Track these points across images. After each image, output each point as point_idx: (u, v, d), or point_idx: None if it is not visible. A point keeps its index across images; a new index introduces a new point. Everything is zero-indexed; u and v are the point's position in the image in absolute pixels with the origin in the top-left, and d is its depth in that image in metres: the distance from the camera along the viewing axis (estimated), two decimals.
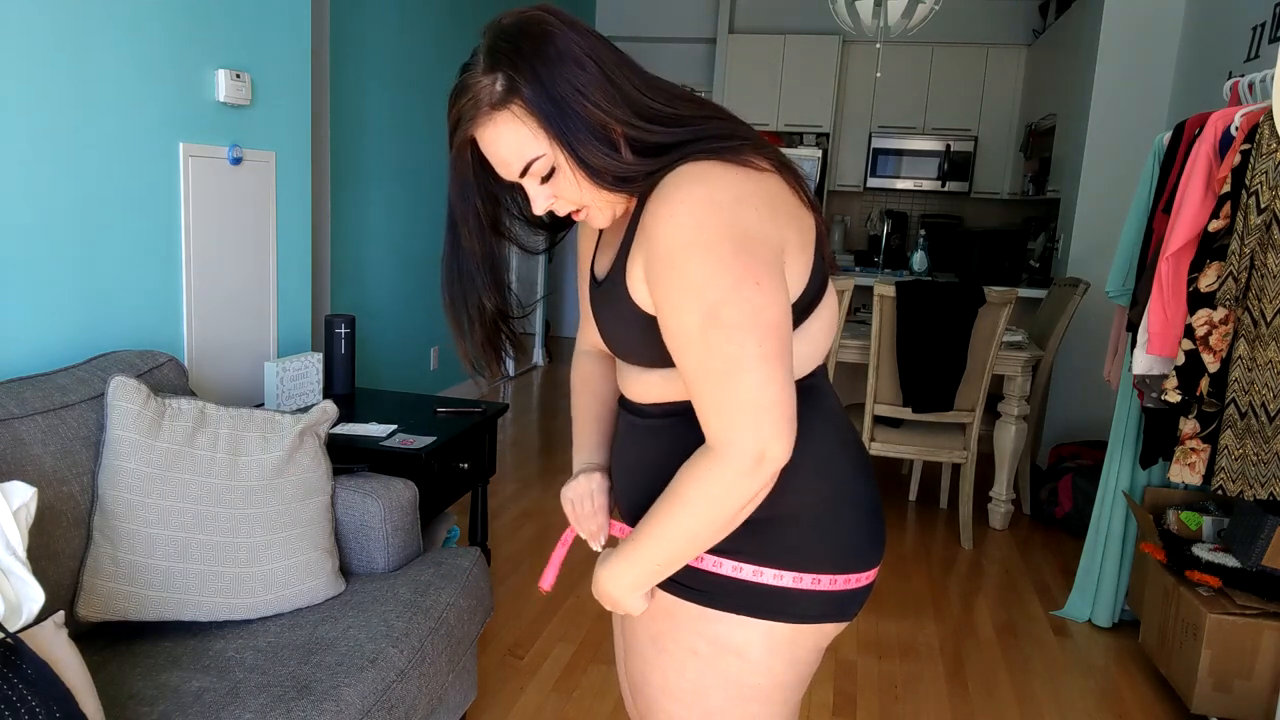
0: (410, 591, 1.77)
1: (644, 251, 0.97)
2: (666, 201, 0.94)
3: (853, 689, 2.45)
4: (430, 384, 4.77)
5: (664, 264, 0.94)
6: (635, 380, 1.12)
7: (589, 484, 1.23)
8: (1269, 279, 2.12)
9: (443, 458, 2.27)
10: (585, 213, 1.05)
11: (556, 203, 1.04)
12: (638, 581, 1.07)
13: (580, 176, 0.99)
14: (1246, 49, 3.30)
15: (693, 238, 0.92)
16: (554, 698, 2.32)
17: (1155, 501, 2.71)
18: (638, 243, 0.99)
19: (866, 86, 6.63)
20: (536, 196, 1.03)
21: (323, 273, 3.70)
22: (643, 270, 0.98)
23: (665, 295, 0.95)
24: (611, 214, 1.06)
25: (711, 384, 0.94)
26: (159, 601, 1.62)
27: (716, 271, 0.92)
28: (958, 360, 3.30)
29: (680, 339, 0.95)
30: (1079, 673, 2.61)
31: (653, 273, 0.96)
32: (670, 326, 0.96)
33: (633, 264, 1.00)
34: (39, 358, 1.86)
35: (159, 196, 2.12)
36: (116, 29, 1.95)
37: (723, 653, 1.08)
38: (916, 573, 3.26)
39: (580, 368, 1.32)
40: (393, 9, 4.05)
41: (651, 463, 1.10)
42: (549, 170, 1.00)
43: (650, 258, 0.96)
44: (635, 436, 1.14)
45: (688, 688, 1.11)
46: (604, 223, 1.07)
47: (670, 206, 0.94)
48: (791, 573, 1.05)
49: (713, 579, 1.06)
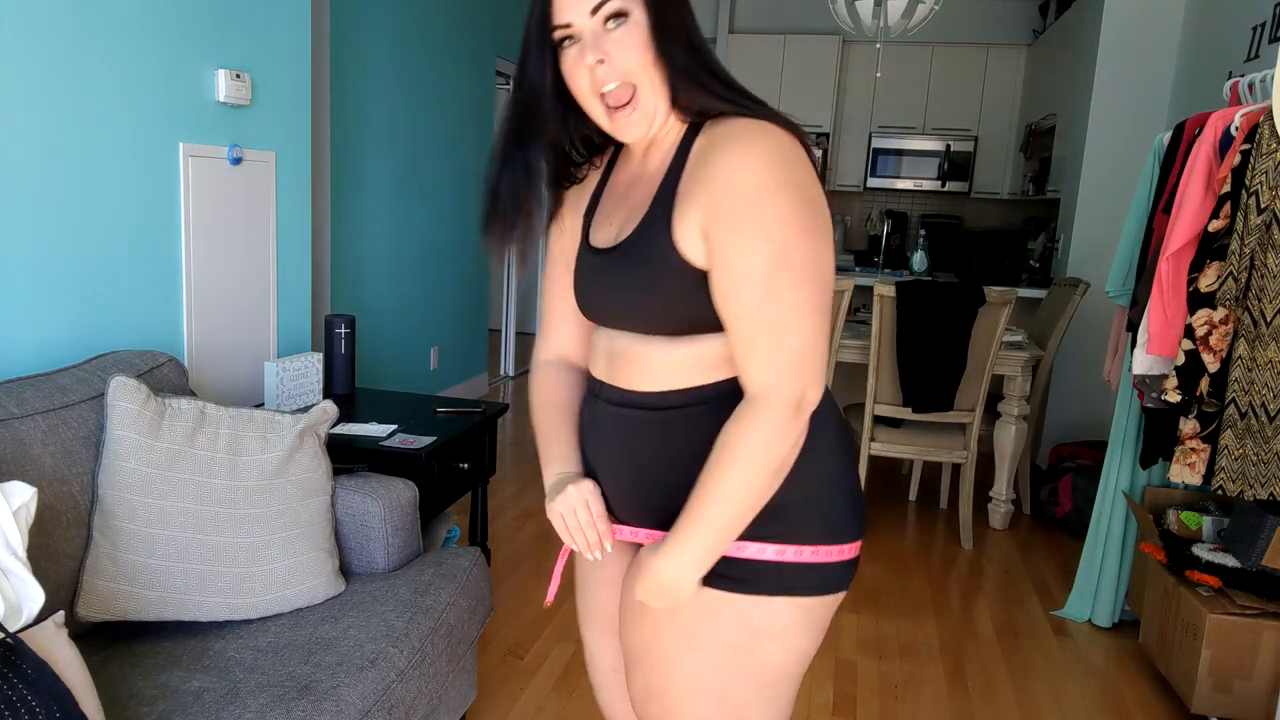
0: (410, 591, 1.77)
1: (705, 197, 0.99)
2: (739, 146, 0.98)
3: (853, 689, 2.45)
4: (430, 384, 4.77)
5: (737, 204, 0.97)
6: (654, 365, 1.09)
7: (580, 494, 1.17)
8: (1269, 279, 2.12)
9: (443, 458, 2.27)
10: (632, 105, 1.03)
11: (605, 68, 1.02)
12: (702, 557, 1.04)
13: (651, 41, 1.01)
14: (1246, 49, 3.30)
15: (768, 180, 0.97)
16: (554, 698, 2.32)
17: (1155, 501, 2.71)
18: (692, 192, 1.01)
19: (866, 86, 6.63)
20: (590, 48, 1.02)
21: (323, 273, 3.70)
22: (700, 217, 1.00)
23: (734, 235, 0.97)
24: (646, 122, 1.05)
25: (765, 328, 0.98)
26: (159, 601, 1.62)
27: (790, 216, 0.97)
28: (958, 360, 3.30)
29: (743, 280, 0.97)
30: (1079, 673, 2.61)
31: (719, 214, 0.98)
32: (733, 268, 0.98)
33: (683, 215, 1.02)
34: (39, 358, 1.86)
35: (159, 196, 2.12)
36: (116, 29, 1.95)
37: (762, 640, 1.11)
38: (916, 573, 3.26)
39: (545, 378, 1.27)
40: (393, 9, 4.05)
41: (680, 454, 1.08)
42: (621, 11, 1.01)
43: (719, 199, 0.98)
44: (648, 431, 1.11)
45: (720, 682, 1.12)
46: (635, 129, 1.05)
47: (744, 151, 0.98)
48: (823, 546, 1.10)
49: (754, 566, 1.09)
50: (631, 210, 1.10)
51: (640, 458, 1.13)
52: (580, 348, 1.29)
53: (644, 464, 1.13)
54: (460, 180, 4.92)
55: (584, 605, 1.35)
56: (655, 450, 1.11)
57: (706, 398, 1.07)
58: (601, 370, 1.17)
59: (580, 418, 1.24)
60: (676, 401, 1.08)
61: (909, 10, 4.40)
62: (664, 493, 1.10)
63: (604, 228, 1.14)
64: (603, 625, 1.32)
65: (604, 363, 1.17)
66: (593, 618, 1.33)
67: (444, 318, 4.88)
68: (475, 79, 4.98)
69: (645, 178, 1.11)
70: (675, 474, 1.09)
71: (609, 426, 1.15)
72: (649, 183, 1.09)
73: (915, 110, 6.64)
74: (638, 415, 1.11)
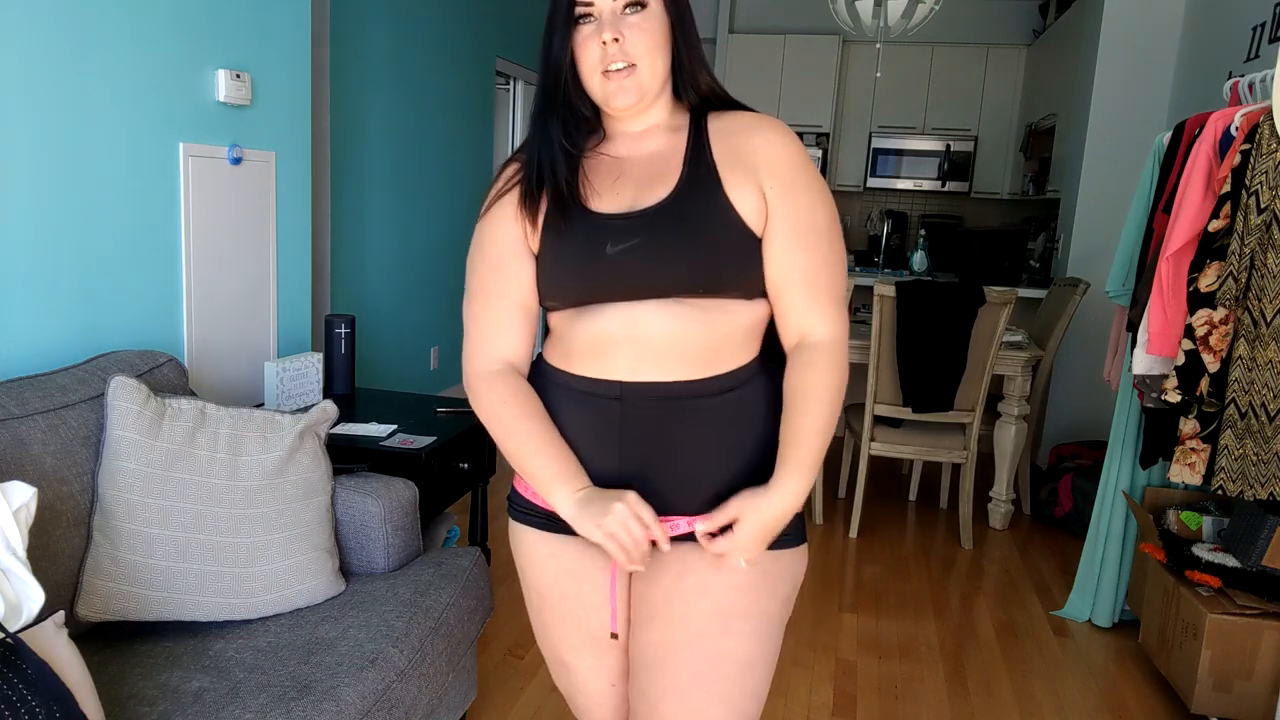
0: (410, 591, 1.77)
1: (765, 163, 1.14)
2: (775, 127, 1.17)
3: (853, 689, 2.45)
4: (430, 384, 4.77)
5: (799, 170, 1.15)
6: (700, 349, 1.13)
7: (629, 508, 1.10)
8: (1269, 279, 2.12)
9: (443, 458, 2.27)
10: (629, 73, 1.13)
11: (616, 48, 1.11)
12: (807, 488, 1.12)
13: (663, 32, 1.14)
14: (1246, 49, 3.30)
15: (807, 157, 1.17)
16: (554, 698, 2.31)
17: (1155, 501, 2.71)
18: (740, 160, 1.14)
19: (866, 86, 6.63)
20: (607, 26, 1.11)
21: (323, 273, 3.70)
22: (760, 179, 1.13)
23: (803, 195, 1.14)
24: (638, 94, 1.14)
25: (830, 275, 1.15)
26: (159, 601, 1.62)
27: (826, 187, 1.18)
28: (958, 360, 3.30)
29: (814, 233, 1.14)
30: (1079, 673, 2.61)
31: (784, 177, 1.14)
32: (804, 223, 1.14)
33: (736, 179, 1.14)
34: (39, 358, 1.86)
35: (159, 196, 2.12)
36: (116, 29, 1.95)
37: (796, 586, 1.22)
38: (916, 573, 3.26)
39: (506, 387, 1.18)
40: (393, 9, 4.05)
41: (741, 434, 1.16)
42: (641, 1, 1.12)
43: (781, 165, 1.14)
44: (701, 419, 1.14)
45: (771, 636, 1.19)
46: (626, 96, 1.14)
47: (783, 132, 1.17)
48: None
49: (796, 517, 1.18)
50: (644, 182, 1.16)
51: (704, 444, 1.15)
52: (527, 353, 1.23)
53: (704, 452, 1.15)
54: (460, 180, 4.92)
55: (569, 630, 1.27)
56: (716, 439, 1.15)
57: (753, 374, 1.17)
58: (622, 367, 1.13)
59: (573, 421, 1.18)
60: (730, 383, 1.15)
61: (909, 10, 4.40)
62: (745, 471, 1.16)
63: (604, 199, 1.16)
64: (595, 645, 1.27)
65: (625, 357, 1.12)
66: (583, 642, 1.27)
67: (444, 318, 4.88)
68: (475, 79, 4.98)
69: (649, 156, 1.19)
70: (738, 457, 1.16)
71: (652, 425, 1.13)
72: (662, 158, 1.18)
73: (915, 110, 6.64)
74: (683, 405, 1.13)
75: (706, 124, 1.19)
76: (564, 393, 1.18)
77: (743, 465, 1.16)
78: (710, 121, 1.19)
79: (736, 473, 1.16)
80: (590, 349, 1.15)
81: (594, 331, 1.14)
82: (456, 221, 4.92)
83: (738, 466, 1.16)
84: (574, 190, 1.16)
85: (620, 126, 1.21)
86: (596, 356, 1.15)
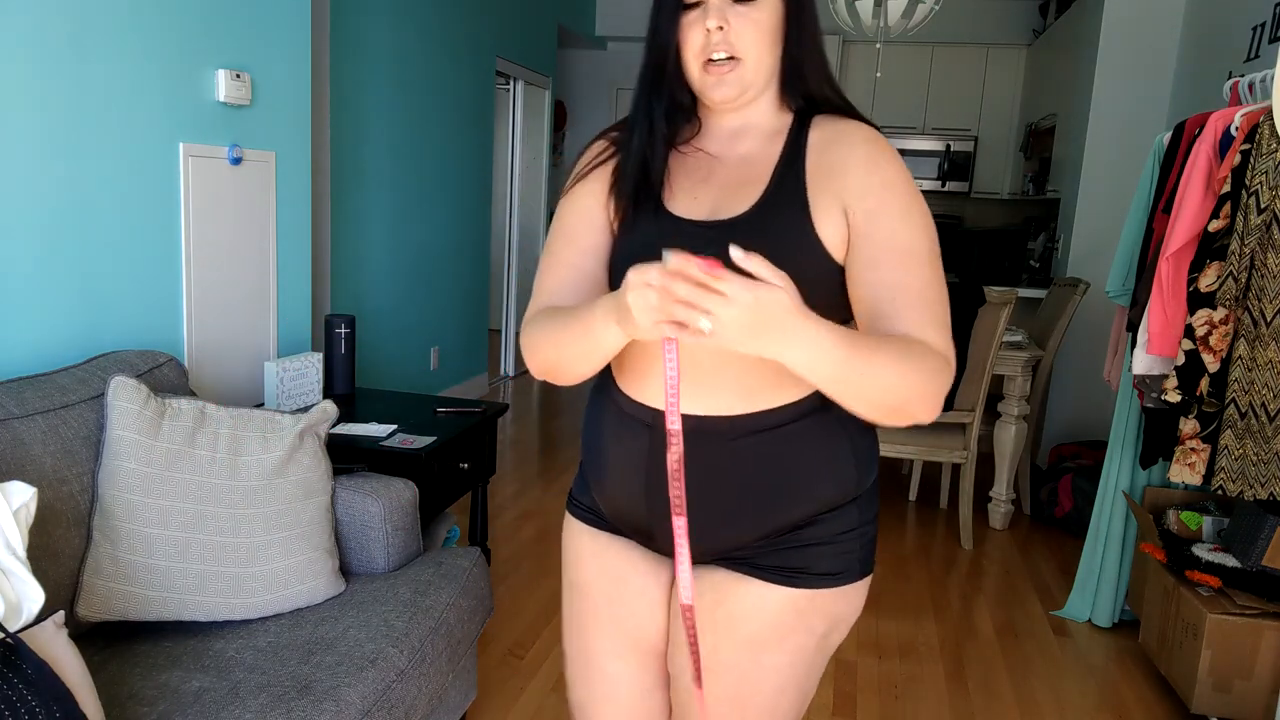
0: (410, 591, 1.77)
1: (858, 185, 1.03)
2: (878, 146, 1.06)
3: (853, 689, 2.45)
4: (430, 384, 4.77)
5: (900, 192, 1.03)
6: (775, 375, 1.01)
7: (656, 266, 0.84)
8: (1269, 279, 2.12)
9: (443, 458, 2.27)
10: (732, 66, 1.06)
11: (720, 36, 1.05)
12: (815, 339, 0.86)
13: (774, 24, 1.06)
14: (1246, 49, 3.30)
15: (907, 177, 1.06)
16: (554, 698, 2.31)
17: (1155, 501, 2.71)
18: (832, 182, 1.04)
19: (866, 86, 6.63)
20: (714, 13, 1.04)
21: (323, 273, 3.70)
22: (849, 202, 1.03)
23: (904, 218, 1.02)
24: (739, 88, 1.07)
25: (935, 296, 1.01)
26: (159, 601, 1.62)
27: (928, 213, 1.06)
28: (958, 360, 3.29)
29: (915, 258, 1.01)
30: (1079, 673, 2.61)
31: (881, 199, 1.02)
32: (904, 247, 1.01)
33: (824, 203, 1.04)
34: (39, 358, 1.86)
35: (159, 196, 2.12)
36: (116, 29, 1.95)
37: (839, 625, 1.15)
38: (916, 573, 3.26)
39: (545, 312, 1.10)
40: (393, 9, 4.05)
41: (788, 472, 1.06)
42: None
43: (878, 186, 1.03)
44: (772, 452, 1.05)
45: (805, 673, 1.14)
46: (726, 89, 1.07)
47: (886, 151, 1.06)
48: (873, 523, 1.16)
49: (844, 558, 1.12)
50: (727, 189, 1.08)
51: (756, 482, 1.06)
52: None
53: (755, 492, 1.07)
54: (461, 180, 4.92)
55: (608, 633, 1.22)
56: (770, 476, 1.06)
57: (817, 405, 1.06)
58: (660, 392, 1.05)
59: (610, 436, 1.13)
60: (791, 415, 1.05)
61: (909, 10, 4.40)
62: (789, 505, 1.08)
63: (684, 200, 1.10)
64: (636, 651, 1.21)
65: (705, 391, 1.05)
66: (624, 647, 1.21)
67: (444, 318, 4.88)
68: (475, 79, 4.98)
69: (740, 159, 1.11)
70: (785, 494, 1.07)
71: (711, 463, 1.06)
72: (752, 164, 1.10)
73: (915, 110, 6.64)
74: (740, 445, 1.05)
75: (809, 131, 1.09)
76: (610, 405, 1.14)
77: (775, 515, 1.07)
78: (813, 129, 1.09)
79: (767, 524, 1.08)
80: (636, 364, 1.10)
81: (644, 345, 1.05)
82: (457, 221, 4.92)
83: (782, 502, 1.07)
84: (658, 188, 1.11)
85: (716, 121, 1.14)
86: (640, 375, 1.09)
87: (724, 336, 0.82)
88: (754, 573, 1.10)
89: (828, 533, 1.10)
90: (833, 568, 1.10)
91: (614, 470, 1.13)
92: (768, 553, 1.10)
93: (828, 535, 1.09)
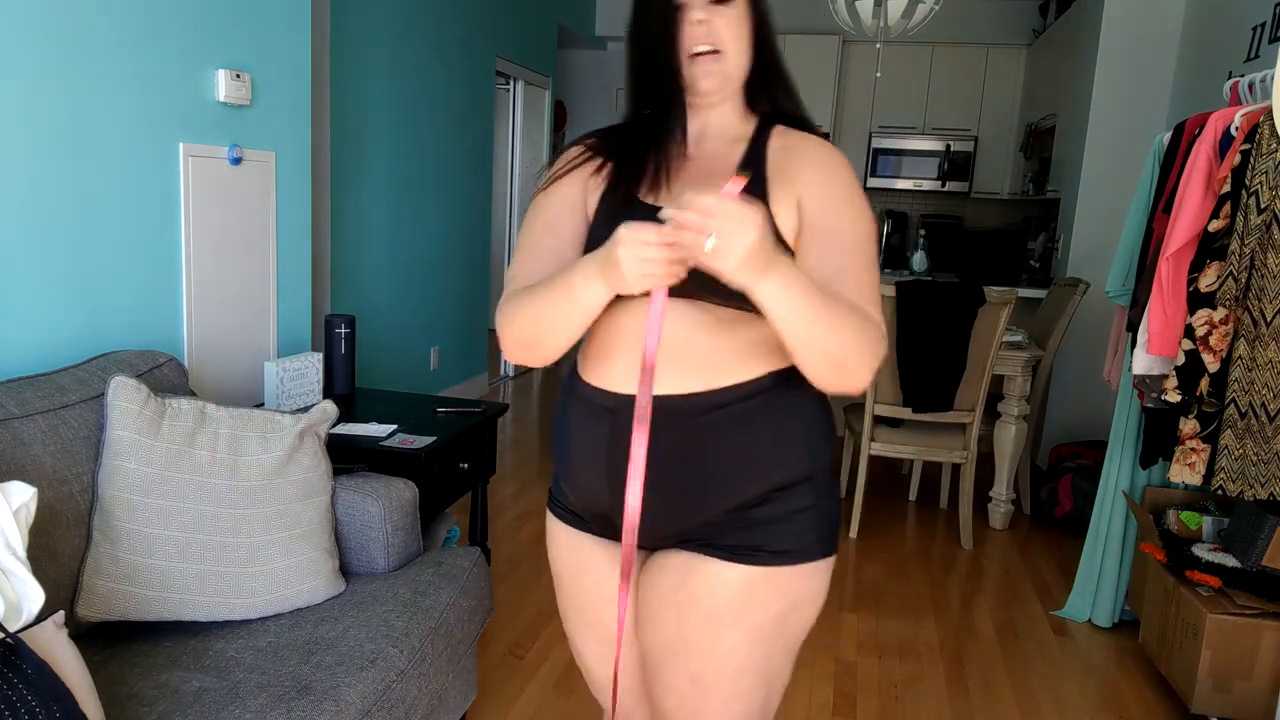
0: (410, 591, 1.77)
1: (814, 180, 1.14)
2: (832, 152, 1.19)
3: (853, 689, 2.45)
4: (430, 384, 4.77)
5: (846, 190, 1.15)
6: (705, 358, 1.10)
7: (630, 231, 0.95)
8: (1269, 279, 2.12)
9: (443, 458, 2.27)
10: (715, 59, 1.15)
11: (704, 30, 1.15)
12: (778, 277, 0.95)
13: (747, 28, 1.17)
14: (1246, 49, 3.30)
15: (855, 181, 1.18)
16: (554, 698, 2.32)
17: (1155, 501, 2.71)
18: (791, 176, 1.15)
19: (866, 86, 6.63)
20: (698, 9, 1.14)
21: (323, 273, 3.70)
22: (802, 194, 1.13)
23: (848, 206, 1.14)
24: (722, 78, 1.17)
25: (870, 278, 1.12)
26: (159, 601, 1.62)
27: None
28: (958, 360, 3.30)
29: (856, 242, 1.12)
30: (1079, 673, 2.61)
31: (831, 192, 1.14)
32: (847, 233, 1.12)
33: (781, 194, 1.14)
34: (39, 358, 1.86)
35: (159, 196, 2.12)
36: (116, 29, 1.95)
37: (801, 605, 1.18)
38: (916, 573, 3.26)
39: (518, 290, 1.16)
40: (393, 9, 4.05)
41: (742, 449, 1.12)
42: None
43: (831, 183, 1.14)
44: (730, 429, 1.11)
45: (764, 654, 1.17)
46: (711, 79, 1.16)
47: (838, 157, 1.18)
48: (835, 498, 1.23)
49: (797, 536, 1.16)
50: (695, 182, 1.16)
51: (725, 460, 1.12)
52: None
53: (727, 466, 1.12)
54: (460, 180, 4.92)
55: (578, 621, 1.31)
56: (743, 449, 1.13)
57: (784, 377, 1.13)
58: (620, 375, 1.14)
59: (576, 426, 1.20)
60: (766, 384, 1.12)
61: (909, 10, 4.39)
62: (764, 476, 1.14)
63: (652, 193, 1.17)
64: (600, 641, 1.30)
65: (626, 363, 1.12)
66: (590, 634, 1.31)
67: (444, 318, 4.88)
68: (475, 79, 4.98)
69: (706, 156, 1.20)
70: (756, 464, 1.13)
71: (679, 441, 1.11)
72: (717, 160, 1.19)
73: (915, 110, 6.64)
74: (706, 421, 1.11)
75: (770, 137, 1.20)
76: (575, 400, 1.22)
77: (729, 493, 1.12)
78: (773, 136, 1.20)
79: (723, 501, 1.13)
80: (598, 354, 1.18)
81: (609, 329, 1.15)
82: (457, 221, 4.92)
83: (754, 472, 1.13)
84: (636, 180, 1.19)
85: (689, 118, 1.22)
86: (601, 362, 1.17)
87: (724, 252, 0.91)
88: (713, 552, 1.15)
89: (782, 511, 1.15)
90: (788, 545, 1.15)
91: (579, 457, 1.20)
92: (725, 532, 1.15)
93: (782, 514, 1.15)
